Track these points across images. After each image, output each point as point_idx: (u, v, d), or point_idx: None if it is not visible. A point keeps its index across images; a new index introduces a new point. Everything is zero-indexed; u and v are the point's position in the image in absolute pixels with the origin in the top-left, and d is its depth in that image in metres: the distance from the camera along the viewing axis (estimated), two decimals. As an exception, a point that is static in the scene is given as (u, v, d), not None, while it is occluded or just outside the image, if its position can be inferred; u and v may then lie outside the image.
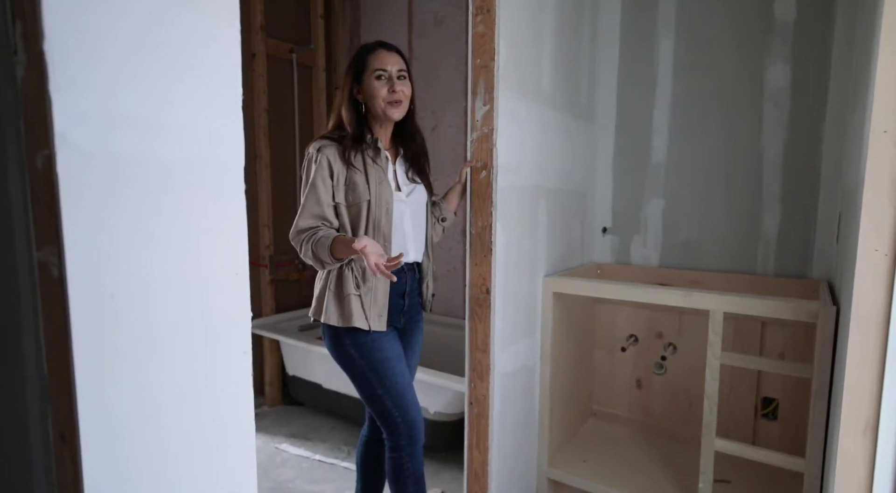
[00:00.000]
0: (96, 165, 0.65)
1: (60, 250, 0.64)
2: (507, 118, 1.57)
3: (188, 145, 0.74)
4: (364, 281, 1.41)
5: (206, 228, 0.77)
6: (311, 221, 1.37)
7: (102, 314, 0.67)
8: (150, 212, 0.70)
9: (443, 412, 2.12)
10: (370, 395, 1.44)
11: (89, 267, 0.65)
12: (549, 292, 1.86)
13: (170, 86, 0.71)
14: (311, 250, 1.33)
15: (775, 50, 1.85)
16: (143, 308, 0.70)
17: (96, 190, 0.65)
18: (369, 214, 1.40)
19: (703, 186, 2.04)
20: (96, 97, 0.64)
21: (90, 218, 0.65)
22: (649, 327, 2.18)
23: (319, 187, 1.36)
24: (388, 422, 1.44)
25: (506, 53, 1.54)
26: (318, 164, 1.37)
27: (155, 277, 0.72)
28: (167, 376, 0.73)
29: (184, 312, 0.75)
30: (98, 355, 0.66)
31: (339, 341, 1.43)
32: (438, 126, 2.78)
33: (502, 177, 1.57)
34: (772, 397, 1.93)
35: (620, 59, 2.17)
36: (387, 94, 1.41)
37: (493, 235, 1.56)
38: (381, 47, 1.45)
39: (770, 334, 1.91)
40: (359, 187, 1.39)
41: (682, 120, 2.06)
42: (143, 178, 0.69)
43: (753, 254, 1.95)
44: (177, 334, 0.74)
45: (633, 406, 2.26)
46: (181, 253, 0.74)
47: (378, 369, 1.42)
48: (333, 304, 1.40)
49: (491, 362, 1.61)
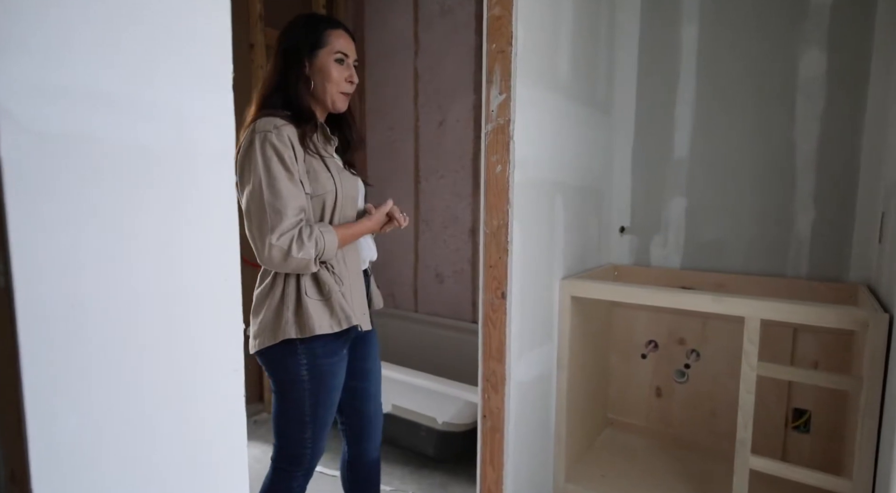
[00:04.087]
0: (52, 149, 0.53)
1: (5, 253, 0.52)
2: (525, 108, 1.45)
3: (170, 129, 0.62)
4: (342, 278, 1.23)
5: (190, 226, 0.65)
6: (297, 212, 1.12)
7: (60, 330, 0.55)
8: (122, 206, 0.58)
9: (451, 423, 2.00)
10: (293, 419, 1.23)
11: (43, 274, 0.54)
12: (567, 295, 1.74)
13: (149, 57, 0.59)
14: (321, 246, 1.12)
15: (809, 36, 1.73)
16: (113, 322, 0.58)
17: (52, 179, 0.53)
18: (336, 206, 1.22)
19: (728, 183, 1.92)
20: (53, 63, 0.52)
21: (44, 213, 0.53)
22: (670, 332, 2.06)
23: (294, 172, 1.13)
24: (292, 448, 1.25)
25: (524, 37, 1.42)
26: (282, 143, 1.11)
27: (128, 284, 0.60)
28: (142, 403, 0.61)
29: (164, 325, 0.63)
30: (55, 380, 0.54)
31: (293, 361, 1.19)
32: (445, 121, 2.66)
33: (519, 172, 1.45)
34: (804, 409, 1.81)
35: (640, 47, 2.04)
36: (344, 82, 1.25)
37: (510, 235, 1.44)
38: (341, 27, 1.26)
39: (802, 341, 1.79)
40: (320, 176, 1.20)
41: (707, 112, 1.94)
42: (113, 166, 0.57)
43: (784, 255, 1.83)
44: (156, 352, 0.63)
45: (652, 415, 2.13)
46: (161, 256, 0.62)
47: (320, 397, 1.22)
48: (313, 311, 1.17)
49: (506, 372, 1.49)
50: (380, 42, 2.88)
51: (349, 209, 1.27)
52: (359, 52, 2.94)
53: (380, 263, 2.90)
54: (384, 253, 2.90)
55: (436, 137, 2.71)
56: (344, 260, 1.25)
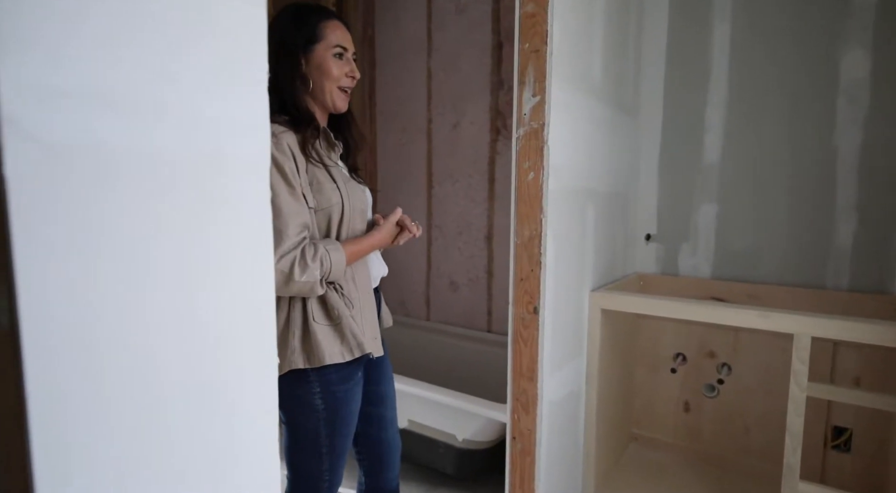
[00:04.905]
0: (62, 162, 0.44)
1: (11, 288, 0.43)
2: (559, 112, 1.37)
3: (194, 136, 0.52)
4: (352, 300, 1.12)
5: (218, 249, 0.56)
6: (300, 230, 1.02)
7: (72, 377, 0.46)
8: (141, 228, 0.49)
9: (472, 440, 1.91)
10: (308, 451, 1.13)
11: (54, 312, 0.45)
12: (597, 308, 1.65)
13: (170, 53, 0.50)
14: (327, 266, 1.02)
15: (852, 36, 1.64)
16: (130, 364, 0.49)
17: (64, 199, 0.44)
18: (342, 220, 1.11)
19: (762, 189, 1.83)
20: (62, 64, 0.43)
21: (53, 239, 0.44)
22: (700, 345, 1.97)
23: (295, 185, 1.02)
24: (308, 483, 1.16)
25: (559, 36, 1.33)
26: (281, 153, 1.01)
27: (149, 319, 0.50)
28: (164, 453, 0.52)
29: (189, 365, 0.54)
30: (67, 441, 0.45)
31: (306, 390, 1.09)
32: (459, 123, 2.57)
33: (553, 179, 1.36)
34: (844, 427, 1.73)
35: (669, 46, 1.96)
36: (344, 78, 1.13)
37: (543, 246, 1.35)
38: (336, 18, 1.14)
39: (842, 356, 1.70)
40: (325, 187, 1.09)
41: (740, 116, 1.85)
42: (130, 181, 0.48)
43: (822, 266, 1.75)
44: (179, 397, 0.53)
45: (680, 431, 2.05)
46: (185, 285, 0.53)
47: (337, 426, 1.13)
48: (321, 338, 1.07)
49: (538, 392, 1.40)
50: (391, 41, 2.79)
51: (358, 223, 1.16)
52: (369, 52, 2.85)
53: (390, 269, 2.81)
54: (394, 260, 2.81)
55: (450, 140, 2.62)
56: (354, 279, 1.14)
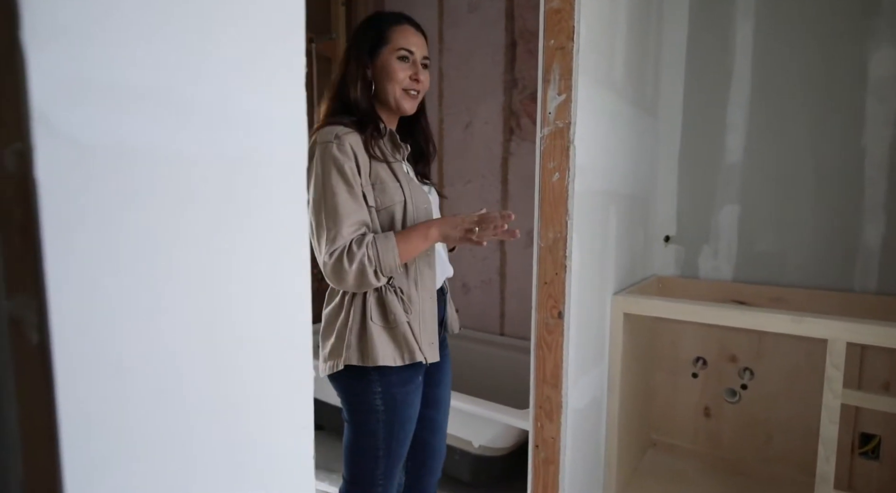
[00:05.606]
0: (97, 163, 0.40)
1: (42, 301, 0.39)
2: (585, 111, 1.33)
3: (228, 135, 0.48)
4: (411, 303, 1.11)
5: (254, 259, 0.52)
6: (356, 228, 1.04)
7: (103, 398, 0.42)
8: (173, 235, 0.45)
9: (488, 446, 1.87)
10: (366, 453, 1.13)
11: (85, 327, 0.41)
12: (619, 312, 1.61)
13: (202, 43, 0.46)
14: (376, 260, 1.00)
15: (881, 33, 1.60)
16: (161, 381, 0.45)
17: (97, 206, 0.40)
18: (405, 219, 1.10)
19: (787, 190, 1.79)
20: (96, 55, 0.39)
21: (87, 248, 0.40)
22: (720, 348, 1.93)
23: (354, 185, 1.04)
24: (363, 486, 1.15)
25: (585, 34, 1.29)
26: (343, 154, 1.03)
27: (182, 334, 0.47)
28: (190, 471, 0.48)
29: (220, 384, 0.50)
30: (101, 455, 0.41)
31: (365, 388, 1.10)
32: (472, 122, 2.53)
33: (579, 180, 1.33)
34: (872, 434, 1.68)
35: (689, 43, 1.92)
36: (408, 80, 1.13)
37: (569, 249, 1.32)
38: (407, 22, 1.16)
39: (870, 360, 1.66)
40: (388, 186, 1.09)
41: (763, 115, 1.81)
42: (163, 183, 0.44)
43: (849, 268, 1.70)
44: (206, 413, 0.49)
45: (699, 437, 2.00)
46: (213, 297, 0.49)
47: (395, 429, 1.13)
48: (377, 339, 1.08)
49: (563, 399, 1.36)
50: (401, 40, 2.75)
51: (423, 221, 1.14)
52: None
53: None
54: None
55: (462, 140, 2.58)
56: (416, 281, 1.13)
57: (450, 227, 1.06)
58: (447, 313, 1.27)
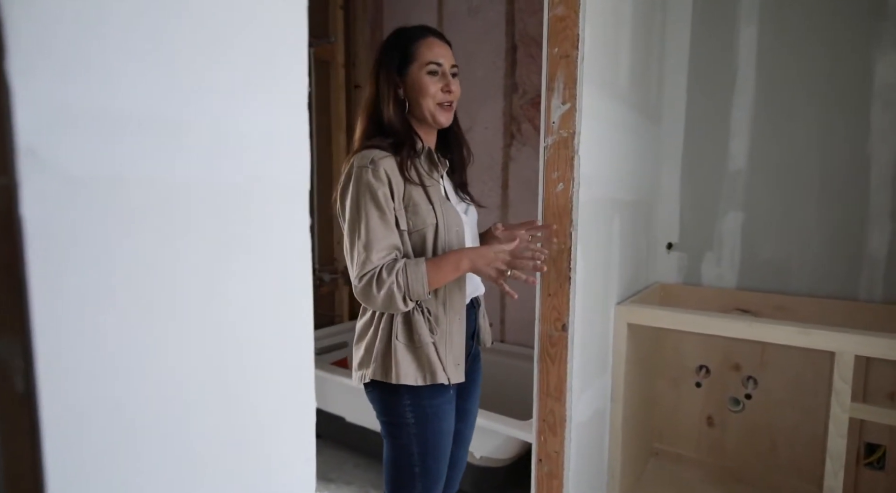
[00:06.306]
0: (88, 196, 0.38)
1: (27, 345, 0.37)
2: (589, 120, 1.30)
3: (226, 160, 0.46)
4: (437, 324, 1.12)
5: (254, 291, 0.49)
6: (386, 253, 1.05)
7: (95, 447, 0.40)
8: (170, 269, 0.42)
9: (490, 457, 1.85)
10: (402, 469, 1.14)
11: (74, 370, 0.38)
12: (623, 322, 1.59)
13: (198, 62, 0.43)
14: (405, 287, 1.02)
15: (887, 38, 1.58)
16: (158, 429, 0.43)
17: (88, 239, 0.38)
18: (437, 241, 1.11)
19: (791, 197, 1.77)
20: (85, 82, 0.37)
21: (78, 287, 0.38)
22: (724, 357, 1.91)
23: (386, 210, 1.06)
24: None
25: (590, 41, 1.27)
26: (377, 180, 1.05)
27: (186, 375, 0.44)
28: None
29: (221, 427, 0.47)
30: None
31: (395, 401, 1.13)
32: (473, 128, 2.51)
33: (583, 190, 1.30)
34: (877, 444, 1.67)
35: (692, 49, 1.90)
36: (440, 93, 1.12)
37: (573, 261, 1.29)
38: (431, 34, 1.15)
39: (876, 371, 1.64)
40: (421, 209, 1.10)
41: (767, 121, 1.79)
42: (159, 214, 0.41)
43: (854, 276, 1.69)
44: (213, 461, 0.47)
45: (702, 446, 1.98)
46: (219, 335, 0.47)
47: (427, 444, 1.13)
48: (401, 357, 1.09)
49: (567, 412, 1.34)
50: (400, 44, 2.72)
51: (454, 242, 1.14)
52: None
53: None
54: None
55: (462, 145, 2.55)
56: (444, 303, 1.13)
57: (483, 262, 1.07)
58: (479, 326, 1.27)
